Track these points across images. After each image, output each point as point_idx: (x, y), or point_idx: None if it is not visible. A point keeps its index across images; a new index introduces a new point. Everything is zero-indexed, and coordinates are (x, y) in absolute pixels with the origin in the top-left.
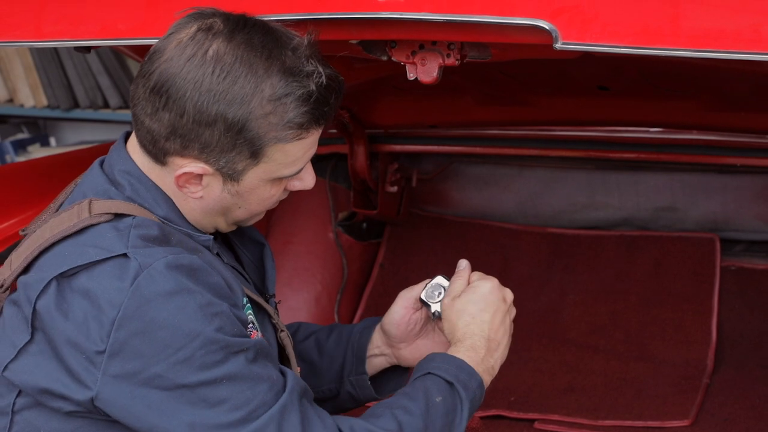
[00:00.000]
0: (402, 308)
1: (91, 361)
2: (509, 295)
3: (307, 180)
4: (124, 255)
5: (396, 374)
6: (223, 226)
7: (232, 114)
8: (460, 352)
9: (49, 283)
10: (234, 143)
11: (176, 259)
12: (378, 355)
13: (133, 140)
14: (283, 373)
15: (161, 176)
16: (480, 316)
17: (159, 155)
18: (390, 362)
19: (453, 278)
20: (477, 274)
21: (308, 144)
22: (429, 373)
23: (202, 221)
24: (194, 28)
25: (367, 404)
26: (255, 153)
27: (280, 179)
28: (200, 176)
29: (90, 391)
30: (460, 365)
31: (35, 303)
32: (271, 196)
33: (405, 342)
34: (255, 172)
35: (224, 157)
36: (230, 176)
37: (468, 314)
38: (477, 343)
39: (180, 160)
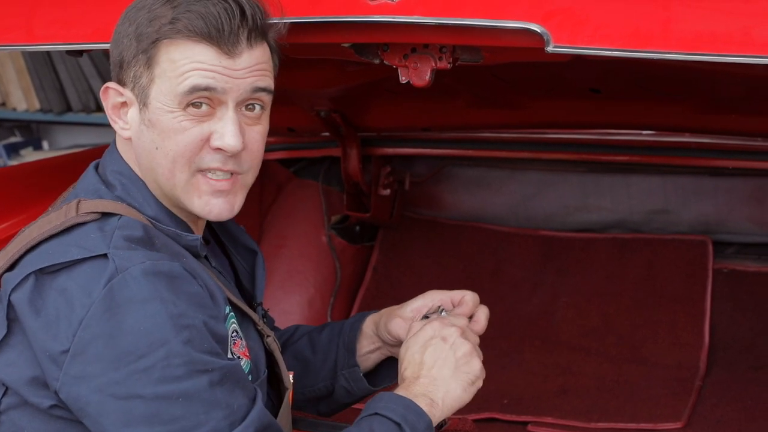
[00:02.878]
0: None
1: (55, 361)
2: (450, 332)
3: (226, 137)
4: (104, 255)
5: (392, 367)
6: (182, 205)
7: (132, 20)
8: (398, 392)
9: (27, 277)
10: (135, 49)
11: (154, 265)
12: (373, 350)
13: (118, 143)
14: (254, 400)
15: (122, 143)
16: (414, 358)
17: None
18: (385, 354)
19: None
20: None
21: (197, 58)
22: (376, 413)
23: (154, 186)
24: None
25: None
26: (149, 59)
27: (189, 108)
28: (126, 111)
29: (53, 389)
30: (409, 405)
31: (10, 295)
32: (183, 129)
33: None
34: (157, 89)
35: (131, 70)
36: (142, 99)
37: (407, 360)
38: (410, 384)
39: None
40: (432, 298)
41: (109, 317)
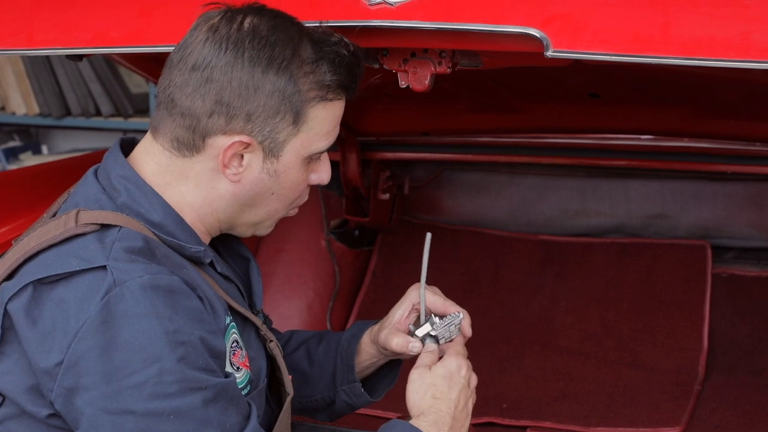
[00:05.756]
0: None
1: (49, 373)
2: (474, 380)
3: (324, 173)
4: (104, 267)
5: (389, 373)
6: (243, 224)
7: (276, 76)
8: (423, 425)
9: (26, 287)
10: (279, 107)
11: (153, 279)
12: (371, 365)
13: (141, 147)
14: (248, 418)
15: (185, 170)
16: (448, 393)
17: (196, 140)
18: (377, 365)
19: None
20: (454, 349)
21: (338, 112)
22: None
23: (225, 212)
24: (222, 14)
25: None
26: (297, 117)
27: (309, 160)
28: (241, 155)
29: (48, 400)
30: None
31: (6, 304)
32: (303, 180)
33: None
34: (294, 144)
35: (268, 125)
36: (271, 150)
37: (437, 389)
38: (442, 420)
39: (222, 139)
40: (412, 298)
41: (104, 330)
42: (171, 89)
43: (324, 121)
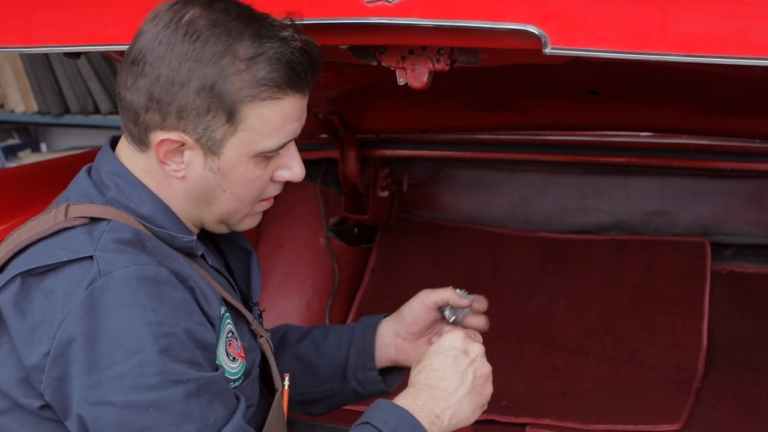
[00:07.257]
0: (421, 305)
1: (37, 365)
2: (474, 348)
3: (295, 169)
4: (90, 257)
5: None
6: (211, 221)
7: (203, 72)
8: (400, 399)
9: (14, 278)
10: (209, 105)
11: (139, 270)
12: (380, 346)
13: (120, 143)
14: (234, 412)
15: (146, 166)
16: (432, 365)
17: (142, 135)
18: (387, 356)
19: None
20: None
21: (285, 111)
22: (367, 422)
23: (188, 210)
24: (172, 5)
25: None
26: (231, 115)
27: (262, 157)
28: (181, 151)
29: (38, 391)
30: (403, 417)
31: None
32: (256, 177)
33: (414, 334)
34: (234, 142)
35: (202, 123)
36: (210, 149)
37: (422, 364)
38: (418, 391)
39: (161, 134)
40: (427, 297)
41: (87, 321)
42: (119, 83)
43: (265, 120)
